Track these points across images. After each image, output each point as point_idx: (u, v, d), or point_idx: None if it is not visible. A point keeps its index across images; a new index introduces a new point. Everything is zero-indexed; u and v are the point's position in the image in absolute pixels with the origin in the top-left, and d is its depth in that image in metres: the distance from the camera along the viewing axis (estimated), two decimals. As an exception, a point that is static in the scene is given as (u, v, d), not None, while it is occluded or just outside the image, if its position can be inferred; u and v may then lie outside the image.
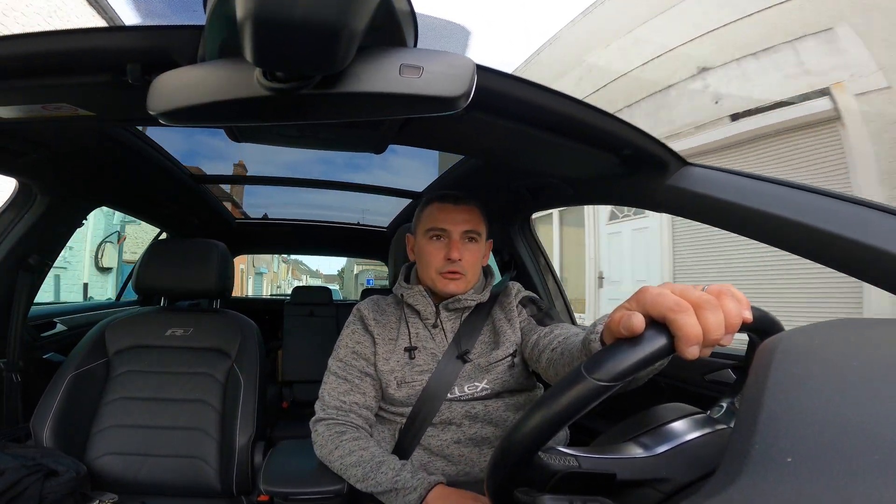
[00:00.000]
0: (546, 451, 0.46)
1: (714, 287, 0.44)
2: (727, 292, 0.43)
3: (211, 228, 2.40)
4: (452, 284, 1.05)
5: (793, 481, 0.28)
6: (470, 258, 1.06)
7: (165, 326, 1.46)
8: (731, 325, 0.42)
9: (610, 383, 0.40)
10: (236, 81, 0.54)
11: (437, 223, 1.06)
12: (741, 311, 0.43)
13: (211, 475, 1.29)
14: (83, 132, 1.07)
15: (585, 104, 0.80)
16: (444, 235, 1.06)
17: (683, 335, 0.40)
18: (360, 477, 0.91)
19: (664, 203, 0.98)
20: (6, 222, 1.29)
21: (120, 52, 0.64)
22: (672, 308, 0.41)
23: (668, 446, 0.48)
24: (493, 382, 1.02)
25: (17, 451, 1.09)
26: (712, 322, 0.41)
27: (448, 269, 1.04)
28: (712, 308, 0.41)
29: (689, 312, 0.40)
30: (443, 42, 0.61)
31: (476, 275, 1.09)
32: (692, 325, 0.40)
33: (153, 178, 1.54)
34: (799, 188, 0.77)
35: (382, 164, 1.95)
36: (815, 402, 0.31)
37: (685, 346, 0.40)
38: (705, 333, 0.40)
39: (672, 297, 0.42)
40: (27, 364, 1.36)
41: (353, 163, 1.95)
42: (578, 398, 0.41)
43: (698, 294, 0.42)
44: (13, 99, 0.75)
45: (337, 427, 1.00)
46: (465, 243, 1.06)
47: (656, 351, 0.41)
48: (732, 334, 0.43)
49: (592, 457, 0.47)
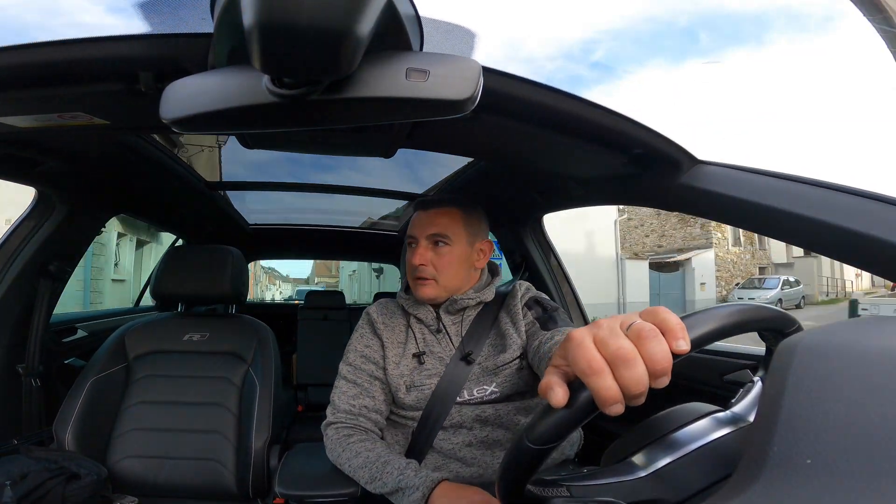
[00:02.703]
0: (535, 484, 0.49)
1: (636, 327, 0.39)
2: (649, 334, 0.38)
3: (225, 234, 2.43)
4: (421, 289, 1.06)
5: (812, 484, 0.27)
6: (439, 262, 1.05)
7: (183, 331, 1.48)
8: (657, 370, 0.38)
9: (545, 446, 0.43)
10: (245, 88, 0.54)
11: (411, 229, 1.09)
12: (667, 353, 0.38)
13: (228, 478, 1.30)
14: (98, 140, 1.09)
15: (594, 104, 0.79)
16: (414, 241, 1.08)
17: (600, 399, 0.38)
18: (368, 478, 0.91)
19: (677, 202, 0.96)
20: (27, 230, 1.32)
21: (132, 60, 0.66)
22: (585, 371, 0.38)
23: (669, 459, 0.48)
24: (502, 386, 1.01)
25: (40, 454, 1.12)
26: (629, 379, 0.37)
27: (416, 274, 1.06)
28: (628, 364, 0.38)
29: (602, 374, 0.38)
30: (449, 45, 0.61)
31: (454, 279, 1.08)
32: (607, 388, 0.37)
33: (168, 185, 1.57)
34: (815, 185, 0.75)
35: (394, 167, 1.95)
36: (836, 402, 0.30)
37: (604, 407, 0.38)
38: (625, 391, 0.37)
39: (586, 356, 0.39)
40: (49, 369, 1.39)
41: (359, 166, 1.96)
42: (522, 462, 0.46)
43: (615, 347, 0.38)
44: (29, 108, 0.76)
45: (346, 430, 1.01)
46: (434, 247, 1.06)
47: (582, 412, 0.41)
48: (666, 376, 0.38)
49: (582, 485, 0.48)
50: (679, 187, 0.92)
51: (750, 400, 0.53)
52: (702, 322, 0.42)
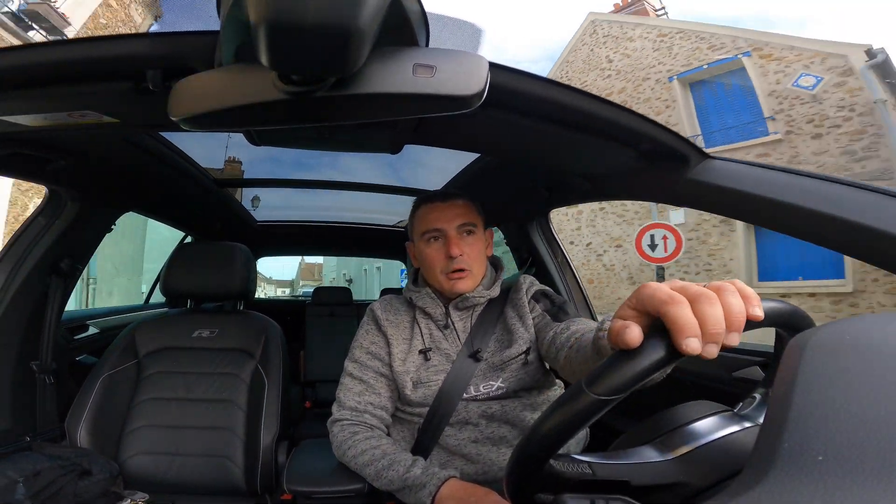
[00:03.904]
0: (559, 459, 0.46)
1: (715, 283, 0.42)
2: (727, 287, 0.41)
3: (233, 231, 2.44)
4: (460, 283, 1.03)
5: (824, 480, 0.27)
6: (471, 251, 1.04)
7: (192, 328, 1.49)
8: (733, 321, 0.39)
9: (609, 397, 0.39)
10: (253, 85, 0.54)
11: (430, 224, 1.05)
12: (744, 308, 0.40)
13: (237, 474, 1.32)
14: (108, 139, 1.10)
15: (601, 99, 0.79)
16: (441, 235, 1.04)
17: (677, 328, 0.38)
18: (374, 475, 0.91)
19: (685, 197, 0.96)
20: (38, 228, 1.33)
21: (140, 58, 0.66)
22: (665, 301, 0.39)
23: (687, 448, 0.47)
24: (509, 381, 1.01)
25: (53, 451, 1.13)
26: (709, 314, 0.38)
27: (452, 267, 1.02)
28: (709, 301, 0.39)
29: (683, 305, 0.39)
30: (455, 41, 0.61)
31: (482, 268, 1.07)
32: (686, 317, 0.38)
33: (177, 183, 1.58)
34: (824, 179, 0.74)
35: (400, 164, 1.95)
36: (847, 398, 0.30)
37: (681, 339, 0.38)
38: (703, 326, 0.38)
39: (667, 290, 0.40)
40: (61, 366, 1.41)
41: (367, 162, 1.96)
42: (579, 412, 0.41)
43: (697, 288, 0.41)
44: (39, 107, 0.77)
45: (351, 427, 1.01)
46: (464, 237, 1.04)
47: (655, 362, 0.39)
48: (738, 332, 0.40)
49: (606, 463, 0.46)
50: (687, 182, 0.91)
51: (756, 405, 0.53)
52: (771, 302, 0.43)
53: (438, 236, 1.05)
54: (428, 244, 1.06)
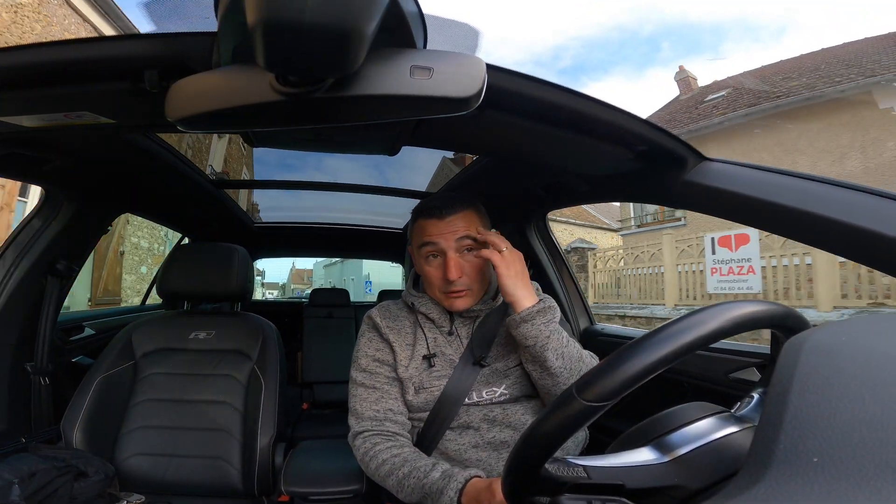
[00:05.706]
0: (554, 462, 0.46)
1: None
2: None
3: (231, 232, 2.43)
4: (459, 302, 1.01)
5: (819, 482, 0.27)
6: (471, 270, 1.00)
7: (189, 329, 1.49)
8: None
9: (599, 404, 0.40)
10: (250, 87, 0.54)
11: (427, 237, 1.00)
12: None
13: (234, 475, 1.31)
14: (105, 139, 1.09)
15: (598, 100, 0.79)
16: (439, 253, 1.00)
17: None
18: (396, 486, 0.88)
19: (681, 199, 0.96)
20: (35, 229, 1.33)
21: (137, 59, 0.66)
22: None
23: (684, 450, 0.47)
24: (512, 387, 1.00)
25: (48, 452, 1.13)
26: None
27: (450, 289, 1.00)
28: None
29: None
30: (452, 42, 0.61)
31: (483, 284, 1.04)
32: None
33: (174, 184, 1.58)
34: (821, 181, 0.74)
35: (397, 166, 1.95)
36: (843, 400, 0.30)
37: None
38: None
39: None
40: (57, 367, 1.40)
41: (366, 164, 1.96)
42: (570, 418, 0.42)
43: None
44: (35, 108, 0.77)
45: (372, 438, 0.97)
46: (464, 254, 1.00)
47: (644, 368, 0.40)
48: None
49: (601, 466, 0.46)
50: (684, 184, 0.91)
51: (754, 405, 0.53)
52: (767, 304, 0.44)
53: (437, 254, 1.01)
54: (427, 261, 1.02)
